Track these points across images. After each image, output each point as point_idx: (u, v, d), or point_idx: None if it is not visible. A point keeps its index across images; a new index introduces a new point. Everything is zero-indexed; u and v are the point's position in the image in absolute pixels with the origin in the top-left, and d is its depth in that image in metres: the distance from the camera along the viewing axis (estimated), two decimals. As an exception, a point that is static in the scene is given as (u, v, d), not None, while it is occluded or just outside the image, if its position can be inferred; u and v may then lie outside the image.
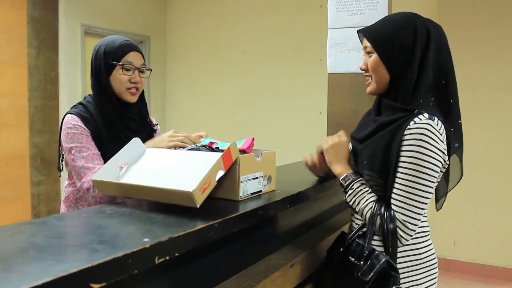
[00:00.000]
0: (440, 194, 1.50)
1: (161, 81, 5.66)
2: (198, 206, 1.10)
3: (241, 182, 1.30)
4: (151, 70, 1.80)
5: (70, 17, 4.45)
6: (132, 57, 1.71)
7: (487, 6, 4.18)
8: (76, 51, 4.44)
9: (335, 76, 2.55)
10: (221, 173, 1.21)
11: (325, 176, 1.74)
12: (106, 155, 1.62)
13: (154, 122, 1.95)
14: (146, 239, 0.88)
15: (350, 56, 2.51)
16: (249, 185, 1.35)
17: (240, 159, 1.30)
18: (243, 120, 5.14)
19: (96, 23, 4.73)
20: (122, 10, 5.09)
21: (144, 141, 1.59)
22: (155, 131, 1.92)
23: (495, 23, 4.16)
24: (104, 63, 1.68)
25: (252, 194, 1.36)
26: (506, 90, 4.16)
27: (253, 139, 1.51)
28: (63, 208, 1.75)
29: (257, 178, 1.38)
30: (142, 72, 1.76)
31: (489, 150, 4.24)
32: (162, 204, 1.19)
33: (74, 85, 4.41)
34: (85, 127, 1.63)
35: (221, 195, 1.32)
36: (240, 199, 1.30)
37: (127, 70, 1.70)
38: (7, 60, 3.99)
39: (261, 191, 1.41)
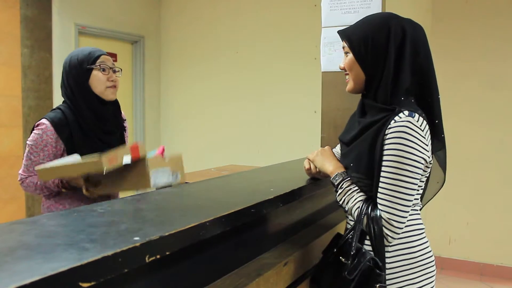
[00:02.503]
0: (428, 194, 1.52)
1: (155, 81, 5.65)
2: (104, 172, 1.50)
3: (151, 174, 1.59)
4: (121, 70, 2.01)
5: (64, 17, 4.43)
6: (104, 59, 1.91)
7: (480, 4, 4.19)
8: (70, 51, 4.38)
9: (329, 74, 2.55)
10: (127, 158, 1.59)
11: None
12: (78, 153, 1.81)
13: (124, 117, 2.12)
14: (137, 238, 0.88)
15: (344, 54, 2.51)
16: (159, 178, 1.61)
17: (150, 159, 1.63)
18: (238, 119, 5.14)
19: (90, 23, 4.72)
20: (116, 10, 5.07)
21: (116, 142, 1.95)
22: (125, 130, 2.10)
23: (488, 21, 4.17)
24: (81, 69, 1.86)
25: (163, 186, 1.61)
26: (499, 88, 4.17)
27: (163, 148, 1.78)
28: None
29: (165, 172, 1.65)
30: (115, 72, 1.95)
31: (483, 149, 4.25)
32: (153, 203, 1.19)
33: (68, 85, 4.38)
34: (52, 137, 1.83)
35: (136, 186, 1.65)
36: (152, 187, 1.58)
37: (104, 70, 1.89)
38: (0, 60, 3.97)
39: (171, 184, 1.65)
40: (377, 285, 1.28)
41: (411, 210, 1.36)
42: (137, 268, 0.88)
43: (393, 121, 1.30)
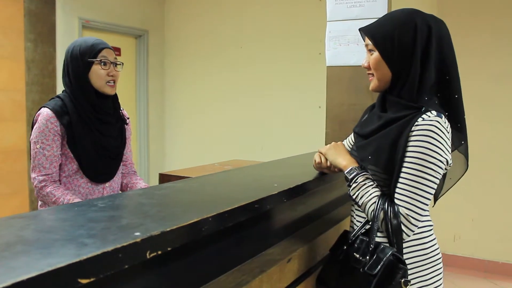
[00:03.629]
0: (438, 192, 1.50)
1: (159, 75, 5.63)
2: None
3: None
4: (122, 63, 1.97)
5: (67, 11, 4.41)
6: (106, 53, 1.87)
7: (488, -1, 4.15)
8: (73, 45, 4.40)
9: (334, 69, 2.53)
10: None
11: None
12: (77, 145, 1.82)
13: (127, 116, 2.10)
14: (138, 233, 0.86)
15: (349, 49, 2.49)
16: None
17: None
18: (241, 115, 5.12)
19: (93, 16, 4.70)
20: (120, 4, 5.06)
21: (115, 132, 1.94)
22: (126, 123, 2.07)
23: (494, 16, 4.12)
24: (82, 61, 1.84)
25: None
26: (507, 83, 4.13)
27: None
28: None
29: None
30: (116, 66, 1.92)
31: (489, 145, 4.21)
32: (155, 198, 1.17)
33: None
34: (56, 124, 1.79)
35: None
36: None
37: (104, 64, 1.86)
38: (4, 54, 3.96)
39: None
40: (402, 280, 1.26)
41: None
42: (137, 264, 0.86)
43: (420, 119, 1.28)
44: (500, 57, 4.13)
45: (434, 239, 1.43)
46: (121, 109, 2.06)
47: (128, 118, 2.10)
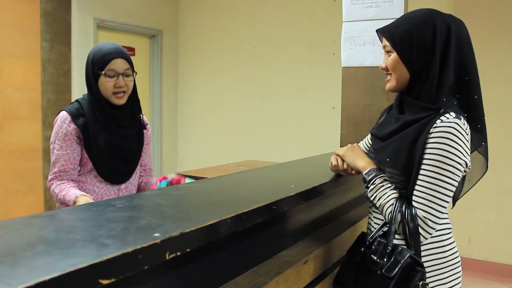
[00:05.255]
0: (457, 194, 1.49)
1: (173, 75, 5.65)
2: None
3: None
4: (136, 72, 1.93)
5: (83, 11, 4.45)
6: (115, 64, 1.84)
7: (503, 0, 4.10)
8: (88, 45, 4.44)
9: (350, 70, 2.51)
10: None
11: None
12: (92, 145, 1.84)
13: (146, 121, 2.10)
14: (157, 234, 0.86)
15: (365, 49, 2.47)
16: None
17: None
18: (254, 115, 5.12)
19: (108, 16, 4.73)
20: (135, 4, 5.08)
21: (132, 135, 1.95)
22: (145, 128, 2.08)
23: (511, 17, 4.07)
24: (92, 71, 1.85)
25: None
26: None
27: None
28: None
29: None
30: (127, 76, 1.88)
31: (505, 147, 4.16)
32: (173, 199, 1.17)
33: (86, 79, 4.40)
34: (71, 125, 1.83)
35: None
36: None
37: (111, 77, 1.84)
38: (20, 53, 4.00)
39: None
40: (420, 283, 1.25)
41: None
42: (157, 265, 0.86)
43: (439, 120, 1.27)
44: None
45: (453, 242, 1.41)
46: (141, 114, 2.05)
47: (147, 124, 2.09)
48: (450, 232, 1.41)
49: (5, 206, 3.95)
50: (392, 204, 1.32)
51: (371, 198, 1.40)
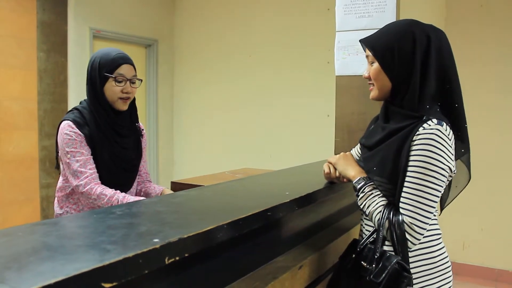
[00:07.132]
0: (444, 200, 1.52)
1: (169, 84, 5.69)
2: None
3: None
4: (141, 80, 1.97)
5: (79, 21, 4.49)
6: (124, 70, 1.87)
7: (495, 8, 4.16)
8: (85, 55, 4.48)
9: (343, 78, 2.55)
10: None
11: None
12: (97, 157, 1.84)
13: (142, 127, 2.12)
14: (156, 240, 0.89)
15: (358, 58, 2.51)
16: None
17: None
18: (250, 123, 5.15)
19: (104, 26, 4.77)
20: (130, 14, 5.12)
21: (131, 145, 1.96)
22: (142, 136, 2.09)
23: (502, 25, 4.13)
24: (99, 74, 1.85)
25: None
26: (515, 92, 4.13)
27: None
28: (57, 195, 1.94)
29: None
30: (134, 82, 1.91)
31: (498, 153, 4.21)
32: (171, 206, 1.20)
33: (83, 88, 4.37)
34: (79, 133, 1.81)
35: None
36: None
37: (119, 82, 1.86)
38: (17, 64, 4.03)
39: None
40: None
41: None
42: (156, 269, 0.89)
43: (421, 128, 1.30)
44: (508, 66, 4.14)
45: (443, 247, 1.43)
46: (138, 121, 2.07)
47: (143, 130, 2.12)
48: (439, 238, 1.43)
49: (2, 215, 3.96)
50: (380, 211, 1.35)
51: (361, 206, 1.43)
